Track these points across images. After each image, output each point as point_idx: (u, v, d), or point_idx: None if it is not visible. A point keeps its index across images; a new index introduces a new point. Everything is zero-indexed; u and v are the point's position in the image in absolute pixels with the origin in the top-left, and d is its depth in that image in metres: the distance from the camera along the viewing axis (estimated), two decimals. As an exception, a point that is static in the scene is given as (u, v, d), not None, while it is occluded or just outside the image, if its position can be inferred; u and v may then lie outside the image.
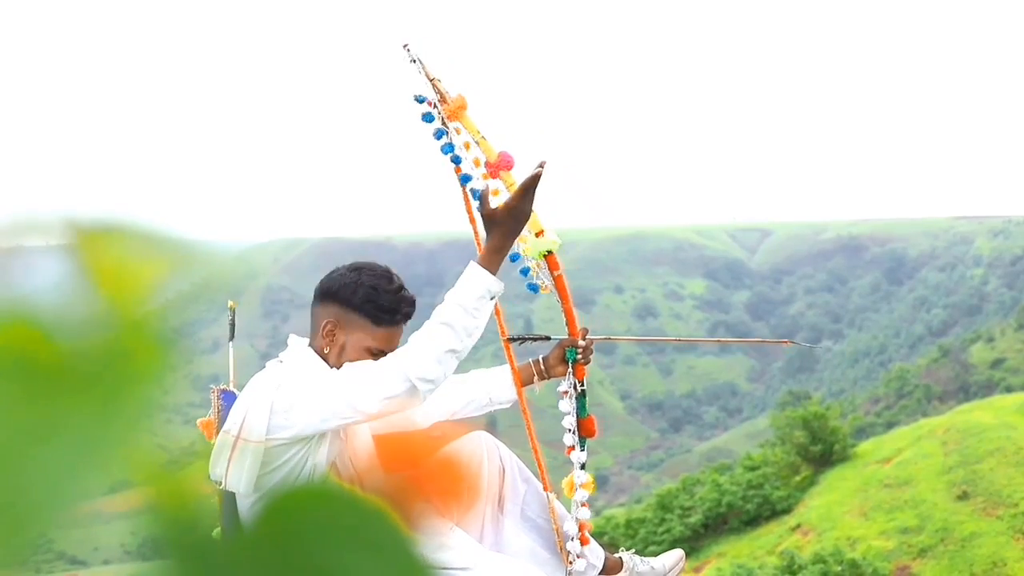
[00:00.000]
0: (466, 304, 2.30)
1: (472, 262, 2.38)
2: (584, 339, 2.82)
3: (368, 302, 2.49)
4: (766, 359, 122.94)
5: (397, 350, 2.39)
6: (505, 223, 2.37)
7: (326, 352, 2.50)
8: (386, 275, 2.56)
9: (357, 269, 2.56)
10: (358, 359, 2.48)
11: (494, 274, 2.35)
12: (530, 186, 2.36)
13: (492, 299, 2.36)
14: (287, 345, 2.56)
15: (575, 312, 2.79)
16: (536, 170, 2.37)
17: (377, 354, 2.48)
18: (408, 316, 2.57)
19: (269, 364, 2.49)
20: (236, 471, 2.25)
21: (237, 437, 2.26)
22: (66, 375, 0.35)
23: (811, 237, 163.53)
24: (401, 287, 2.55)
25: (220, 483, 2.28)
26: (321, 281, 2.60)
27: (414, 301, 2.59)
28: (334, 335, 2.50)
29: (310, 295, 2.59)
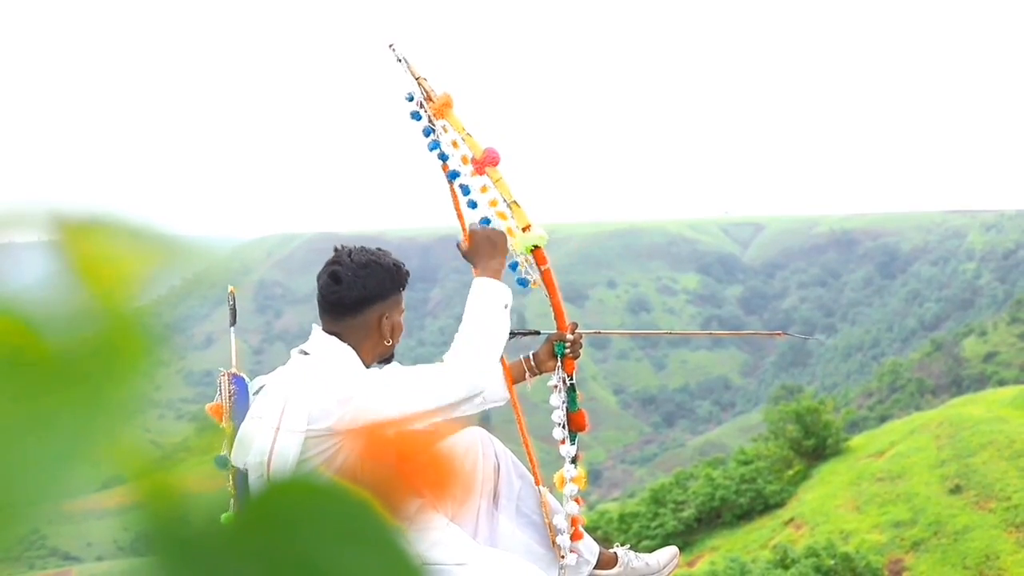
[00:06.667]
0: (493, 314, 2.46)
1: (477, 280, 2.51)
2: (572, 333, 2.81)
3: (404, 277, 2.57)
4: (759, 353, 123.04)
5: (446, 360, 2.44)
6: (482, 247, 2.53)
7: (376, 339, 2.51)
8: (379, 251, 2.58)
9: (365, 265, 2.51)
10: (401, 328, 2.57)
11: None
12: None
13: (506, 308, 2.48)
14: (310, 336, 2.57)
15: (563, 306, 2.79)
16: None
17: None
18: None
19: (293, 354, 2.51)
20: (280, 462, 2.26)
21: (278, 429, 2.27)
22: (54, 370, 0.35)
23: (804, 231, 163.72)
24: (382, 249, 2.62)
25: (243, 468, 2.29)
26: (349, 298, 2.53)
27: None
28: (389, 322, 2.52)
29: (303, 290, 2.61)
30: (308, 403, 2.28)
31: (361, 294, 2.49)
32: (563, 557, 2.78)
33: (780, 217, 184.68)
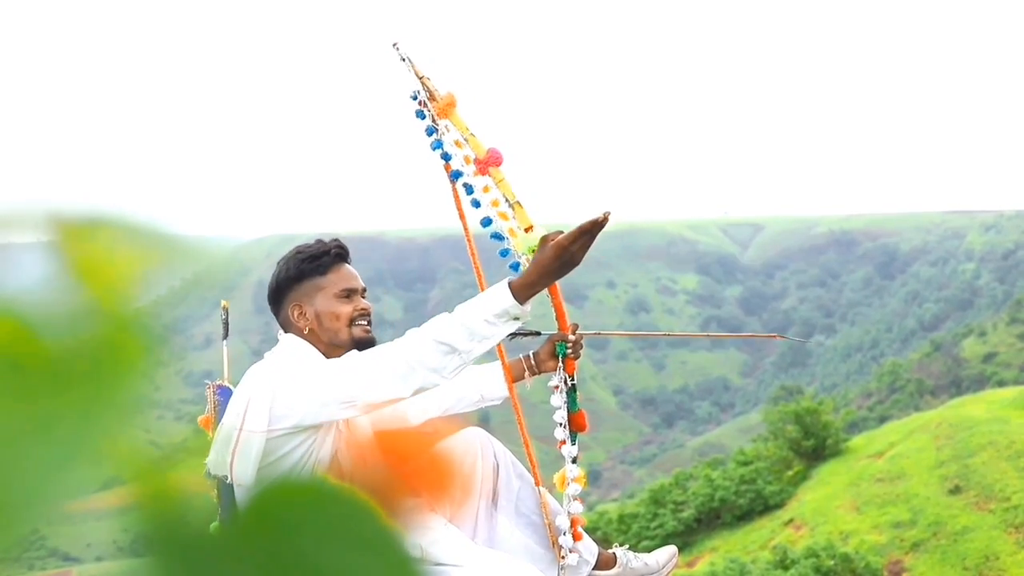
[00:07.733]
0: (473, 325, 2.27)
1: (505, 280, 2.33)
2: (574, 334, 2.81)
3: (301, 263, 2.58)
4: (758, 354, 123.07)
5: (396, 342, 2.38)
6: (548, 259, 2.29)
7: (308, 331, 2.55)
8: (297, 247, 2.67)
9: (277, 262, 2.66)
10: (337, 312, 2.55)
11: (521, 303, 2.28)
12: (587, 231, 2.27)
13: (511, 320, 2.30)
14: (278, 341, 2.59)
15: (565, 307, 2.78)
16: (599, 216, 2.27)
17: (349, 294, 2.58)
18: (341, 249, 2.64)
19: (266, 355, 2.54)
20: (242, 464, 2.25)
21: (240, 429, 2.26)
22: (53, 371, 0.35)
23: (803, 232, 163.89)
24: (318, 240, 2.65)
25: (223, 476, 2.28)
26: (267, 296, 2.67)
27: (337, 239, 2.67)
28: (303, 312, 2.56)
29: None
30: (269, 403, 2.27)
31: (273, 286, 2.63)
32: (563, 557, 2.77)
33: (779, 218, 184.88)
